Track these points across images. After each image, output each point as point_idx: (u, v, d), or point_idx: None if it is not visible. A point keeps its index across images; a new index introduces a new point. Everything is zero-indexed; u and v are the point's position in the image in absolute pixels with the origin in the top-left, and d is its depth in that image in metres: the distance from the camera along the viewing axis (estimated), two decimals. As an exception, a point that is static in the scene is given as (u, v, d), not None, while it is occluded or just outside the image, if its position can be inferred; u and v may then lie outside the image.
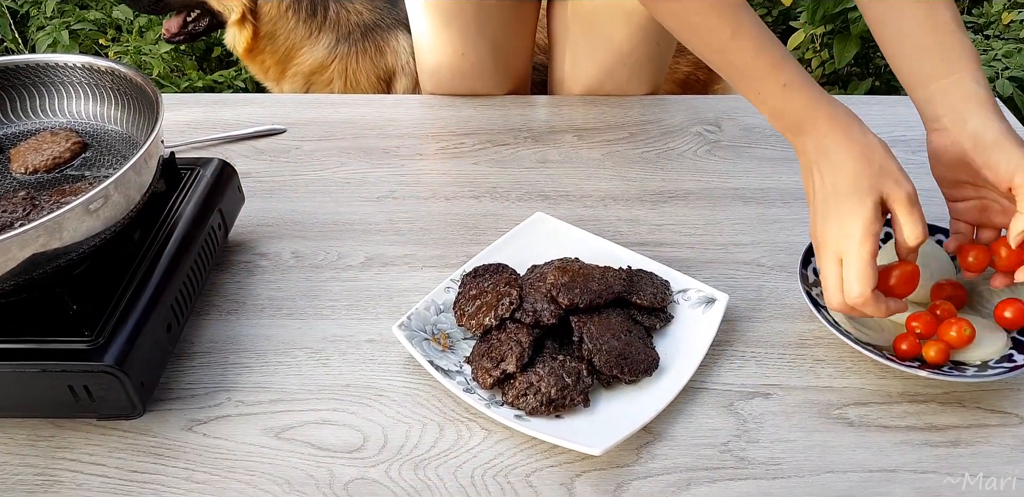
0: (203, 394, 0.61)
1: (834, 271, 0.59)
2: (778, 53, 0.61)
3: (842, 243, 0.58)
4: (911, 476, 0.56)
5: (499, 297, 0.65)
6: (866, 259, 0.57)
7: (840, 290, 0.58)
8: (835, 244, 0.58)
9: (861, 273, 0.57)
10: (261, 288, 0.72)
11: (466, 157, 0.91)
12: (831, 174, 0.60)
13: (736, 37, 0.60)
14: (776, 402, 0.62)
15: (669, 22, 0.64)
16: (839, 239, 0.58)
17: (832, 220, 0.59)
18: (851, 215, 0.58)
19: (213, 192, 0.75)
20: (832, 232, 0.59)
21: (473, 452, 0.57)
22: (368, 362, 0.64)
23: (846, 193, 0.58)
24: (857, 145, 0.60)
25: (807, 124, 0.61)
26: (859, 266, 0.57)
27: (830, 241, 0.59)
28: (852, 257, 0.57)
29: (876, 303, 0.58)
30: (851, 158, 0.59)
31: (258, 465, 0.56)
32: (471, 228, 0.80)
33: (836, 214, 0.59)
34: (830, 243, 0.59)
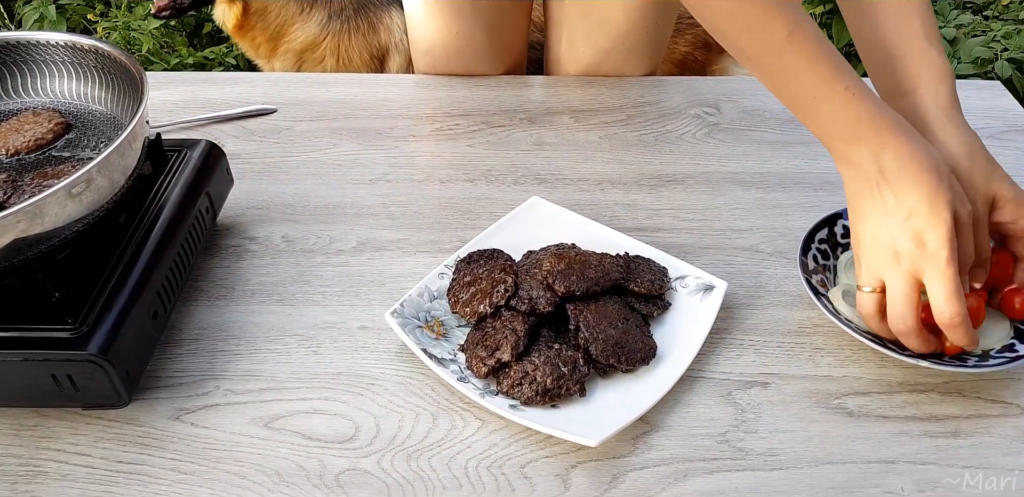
0: (191, 382, 0.60)
1: (912, 290, 0.55)
2: (837, 57, 0.57)
3: (920, 262, 0.54)
4: (910, 468, 0.55)
5: (494, 284, 0.63)
6: (955, 280, 0.54)
7: (913, 309, 0.55)
8: (913, 265, 0.54)
9: (954, 292, 0.53)
10: (251, 273, 0.69)
11: (461, 139, 0.89)
12: (901, 188, 0.55)
13: (794, 37, 0.56)
14: (774, 391, 0.60)
15: (717, 19, 0.58)
16: (916, 257, 0.54)
17: (904, 238, 0.54)
18: (932, 233, 0.54)
19: (201, 174, 0.72)
20: (912, 251, 0.54)
21: (467, 442, 0.56)
22: (360, 350, 0.62)
23: (924, 210, 0.54)
24: (929, 159, 0.56)
25: (869, 133, 0.56)
26: (950, 286, 0.53)
27: (908, 263, 0.54)
28: (940, 278, 0.53)
29: (967, 327, 0.54)
30: (925, 171, 0.55)
31: (247, 456, 0.55)
32: (465, 212, 0.77)
33: (911, 232, 0.54)
34: (908, 265, 0.54)
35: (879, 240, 0.56)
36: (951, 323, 0.54)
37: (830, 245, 0.71)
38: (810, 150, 0.88)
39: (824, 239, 0.71)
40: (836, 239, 0.71)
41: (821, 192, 0.81)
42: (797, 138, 0.90)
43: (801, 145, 0.89)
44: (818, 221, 0.71)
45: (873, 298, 0.57)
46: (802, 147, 0.88)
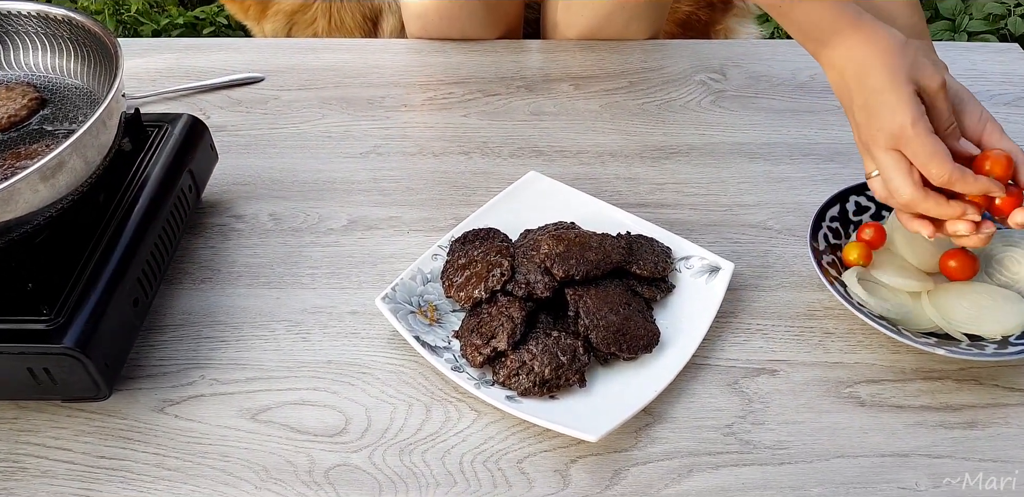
0: (175, 372, 0.55)
1: (898, 161, 0.53)
2: None
3: (896, 134, 0.52)
4: (925, 461, 0.51)
5: (489, 268, 0.58)
6: (929, 137, 0.52)
7: (910, 177, 0.52)
8: (887, 139, 0.52)
9: (933, 150, 0.51)
10: (237, 254, 0.64)
11: (455, 108, 0.82)
12: (865, 77, 0.54)
13: None
14: (783, 380, 0.56)
15: None
16: (891, 132, 0.52)
17: (876, 118, 0.53)
18: (896, 106, 0.52)
19: (183, 151, 0.67)
20: (880, 128, 0.53)
21: (462, 436, 0.52)
22: (351, 336, 0.58)
23: (887, 89, 0.53)
24: (886, 45, 0.54)
25: (833, 36, 0.55)
26: (926, 145, 0.51)
27: (880, 138, 0.53)
28: (914, 140, 0.52)
29: (964, 176, 0.52)
30: (882, 54, 0.54)
31: (233, 450, 0.51)
32: (460, 187, 0.72)
33: (879, 112, 0.53)
34: (881, 139, 0.53)
35: (858, 125, 0.54)
36: (946, 181, 0.52)
37: (841, 223, 0.66)
38: (820, 119, 0.82)
39: (836, 217, 0.66)
40: (848, 216, 0.66)
41: (832, 164, 0.76)
42: (807, 106, 0.84)
43: (810, 113, 0.83)
44: (829, 198, 0.65)
45: (877, 182, 0.55)
46: (811, 115, 0.82)
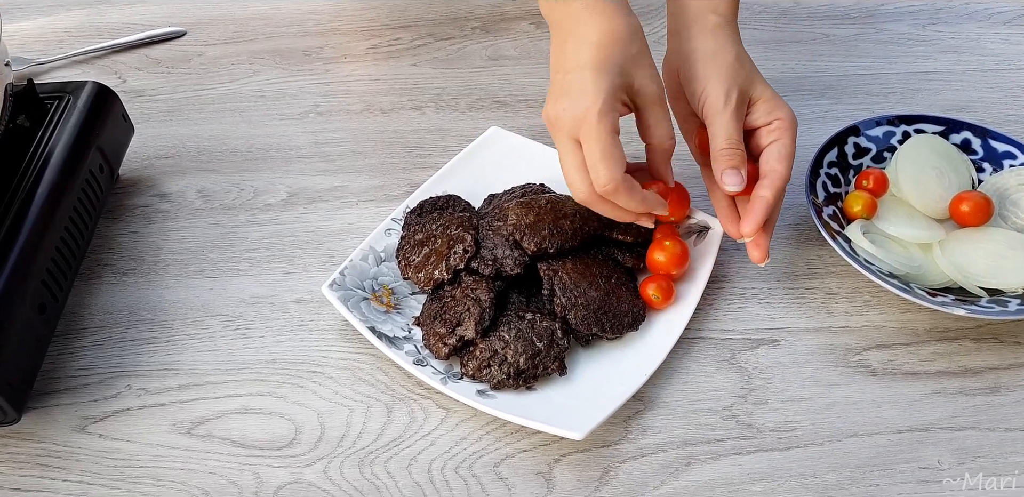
0: (96, 383, 0.46)
1: (574, 154, 0.45)
2: None
3: (579, 121, 0.44)
4: (947, 435, 0.44)
5: (451, 243, 0.49)
6: (608, 136, 0.44)
7: (584, 176, 0.45)
8: (570, 123, 0.44)
9: (605, 153, 0.44)
10: (162, 239, 0.54)
11: (404, 57, 0.71)
12: (577, 45, 0.45)
13: None
14: (785, 350, 0.48)
15: None
16: (575, 117, 0.44)
17: (567, 96, 0.45)
18: (591, 90, 0.44)
19: (89, 124, 0.55)
20: (566, 108, 0.44)
21: (429, 439, 0.44)
22: (297, 329, 0.49)
23: (590, 67, 0.44)
24: (613, 21, 0.46)
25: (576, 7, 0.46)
26: (601, 145, 0.43)
27: (564, 120, 0.44)
28: (592, 135, 0.44)
29: (630, 191, 0.44)
30: (603, 32, 0.45)
31: (168, 472, 0.42)
32: (414, 148, 0.62)
33: (574, 89, 0.44)
34: (564, 122, 0.44)
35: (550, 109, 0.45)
36: (604, 190, 0.44)
37: (840, 169, 0.58)
38: (808, 49, 0.72)
39: (834, 162, 0.57)
40: (848, 161, 0.58)
41: (824, 100, 0.66)
42: (792, 35, 0.73)
43: (797, 43, 0.72)
44: (825, 141, 0.56)
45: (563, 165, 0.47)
46: (798, 45, 0.72)
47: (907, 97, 0.66)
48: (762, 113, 0.49)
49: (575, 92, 0.44)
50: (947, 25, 0.74)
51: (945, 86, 0.67)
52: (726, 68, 0.48)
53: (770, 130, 0.49)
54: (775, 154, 0.48)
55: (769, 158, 0.48)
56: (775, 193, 0.48)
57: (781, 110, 0.49)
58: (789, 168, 0.48)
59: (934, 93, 0.67)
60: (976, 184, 0.57)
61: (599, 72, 0.44)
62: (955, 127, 0.58)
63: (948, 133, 0.58)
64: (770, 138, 0.49)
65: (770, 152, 0.48)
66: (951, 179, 0.56)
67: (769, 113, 0.49)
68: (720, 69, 0.48)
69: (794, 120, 0.49)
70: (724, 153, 0.47)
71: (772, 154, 0.48)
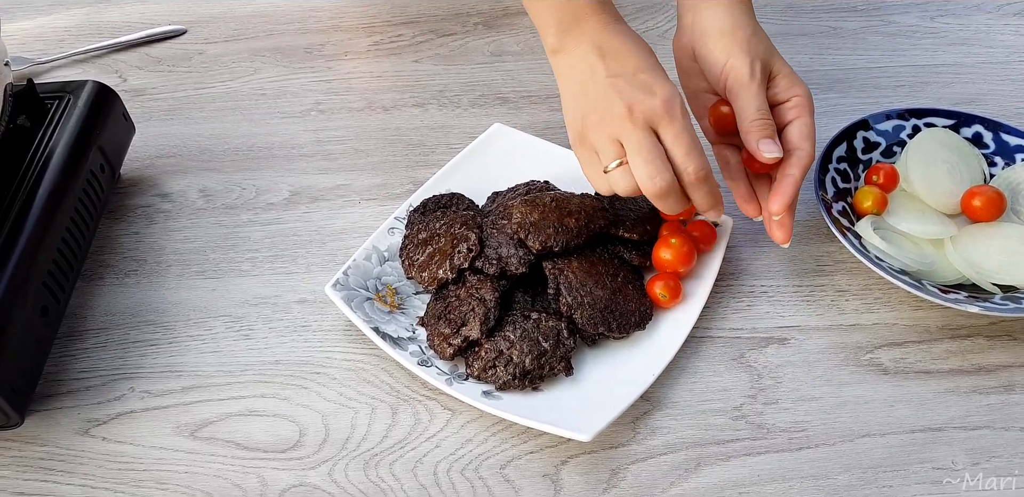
0: (100, 385, 0.46)
1: (653, 145, 0.43)
2: None
3: (661, 110, 0.43)
4: (961, 435, 0.43)
5: (454, 242, 0.48)
6: (691, 128, 0.44)
7: (666, 165, 0.43)
8: (645, 113, 0.43)
9: (695, 140, 0.43)
10: (165, 240, 0.53)
11: (406, 53, 0.70)
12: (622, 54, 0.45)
13: None
14: (795, 349, 0.47)
15: None
16: (654, 106, 0.43)
17: (643, 88, 0.44)
18: (668, 84, 0.44)
19: (89, 124, 0.54)
20: (643, 100, 0.43)
21: (434, 441, 0.43)
22: (300, 330, 0.48)
23: (648, 66, 0.45)
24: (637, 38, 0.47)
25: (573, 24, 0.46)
26: (691, 132, 0.43)
27: (637, 111, 0.43)
28: (680, 122, 0.43)
29: (712, 181, 0.44)
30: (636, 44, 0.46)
31: (171, 475, 0.42)
32: (416, 146, 0.60)
33: (650, 84, 0.44)
34: (637, 114, 0.43)
35: (609, 105, 0.44)
36: (697, 178, 0.43)
37: (850, 164, 0.57)
38: (815, 42, 0.70)
39: (843, 157, 0.56)
40: (857, 155, 0.57)
41: (832, 93, 0.65)
42: (798, 28, 0.72)
43: (804, 37, 0.71)
44: (834, 136, 0.55)
45: (626, 171, 0.44)
46: (805, 39, 0.71)
47: (916, 90, 0.65)
48: (782, 89, 0.48)
49: (652, 85, 0.44)
50: (955, 17, 0.72)
51: (955, 79, 0.66)
52: (747, 42, 0.48)
53: (789, 107, 0.48)
54: (798, 133, 0.47)
55: (792, 137, 0.47)
56: (803, 171, 0.47)
57: (799, 86, 0.48)
58: (813, 146, 0.47)
59: (943, 86, 0.65)
60: (988, 178, 0.55)
61: (657, 71, 0.45)
62: (966, 120, 0.57)
63: (959, 127, 0.57)
64: (790, 116, 0.48)
65: (792, 131, 0.47)
66: (962, 173, 0.55)
67: (788, 89, 0.48)
68: (742, 43, 0.48)
69: (811, 97, 0.48)
70: (756, 124, 0.47)
71: (795, 133, 0.47)
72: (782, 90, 0.48)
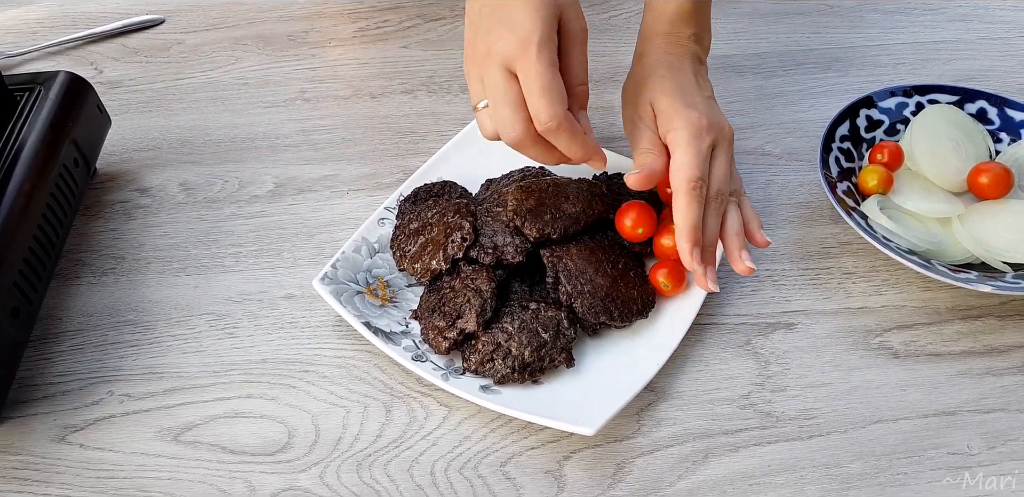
0: (77, 389, 0.43)
1: (508, 88, 0.39)
2: None
3: (516, 52, 0.39)
4: (975, 418, 0.41)
5: (448, 231, 0.46)
6: (551, 68, 0.39)
7: (521, 112, 0.39)
8: (506, 54, 0.39)
9: (548, 86, 0.38)
10: (144, 236, 0.51)
11: (392, 39, 0.67)
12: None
13: None
14: (802, 334, 0.45)
15: None
16: (510, 47, 0.39)
17: (501, 25, 0.39)
18: (529, 19, 0.39)
19: (62, 117, 0.51)
20: (501, 37, 0.39)
21: (431, 439, 0.41)
22: (287, 326, 0.45)
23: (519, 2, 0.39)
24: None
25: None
26: (544, 77, 0.38)
27: (498, 50, 0.39)
28: (533, 67, 0.38)
29: (572, 129, 0.40)
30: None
31: (154, 482, 0.39)
32: (406, 134, 0.58)
33: (511, 19, 0.39)
34: (497, 53, 0.39)
35: (474, 42, 0.41)
36: (547, 128, 0.39)
37: (853, 143, 0.54)
38: (812, 21, 0.68)
39: (846, 136, 0.54)
40: (860, 134, 0.55)
41: (831, 73, 0.63)
42: (795, 7, 0.69)
43: (800, 16, 0.69)
44: (837, 114, 0.52)
45: (485, 114, 0.41)
46: (802, 18, 0.68)
47: (916, 68, 0.63)
48: (662, 129, 0.44)
49: (512, 22, 0.39)
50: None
51: (955, 55, 0.64)
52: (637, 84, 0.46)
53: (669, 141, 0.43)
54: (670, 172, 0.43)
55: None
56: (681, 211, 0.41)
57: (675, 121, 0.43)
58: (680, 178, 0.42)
59: (944, 63, 0.63)
60: (994, 155, 0.53)
61: (529, 4, 0.39)
62: (970, 96, 0.54)
63: (963, 103, 0.54)
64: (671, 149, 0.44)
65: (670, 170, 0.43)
66: (968, 150, 0.52)
67: (665, 127, 0.44)
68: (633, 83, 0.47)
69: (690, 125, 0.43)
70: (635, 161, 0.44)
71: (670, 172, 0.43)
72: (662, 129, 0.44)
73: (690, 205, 0.41)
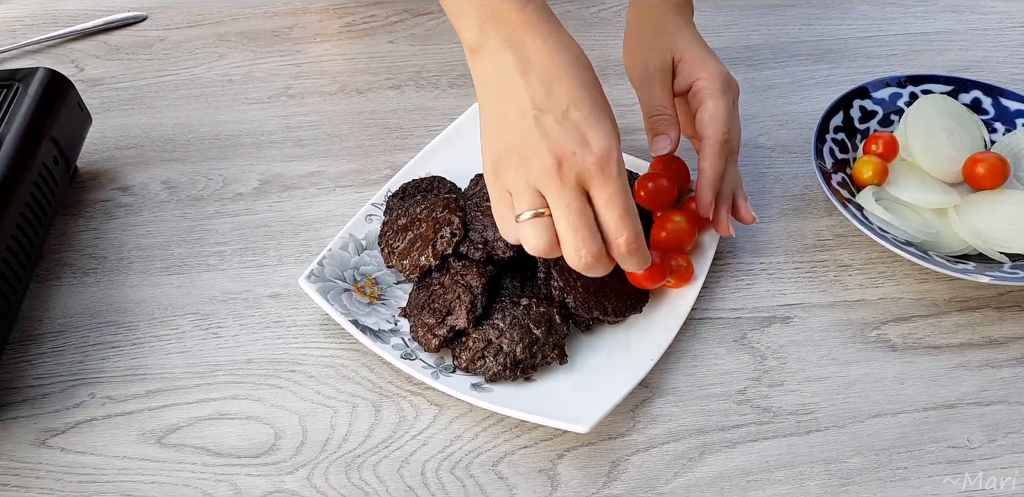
0: (57, 392, 0.42)
1: (584, 208, 0.36)
2: None
3: (593, 168, 0.35)
4: (975, 411, 0.41)
5: (436, 227, 0.45)
6: (627, 186, 0.36)
7: (595, 234, 0.36)
8: (578, 168, 0.35)
9: (630, 206, 0.36)
10: (126, 235, 0.50)
11: (379, 34, 0.66)
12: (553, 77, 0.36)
13: None
14: (798, 327, 0.44)
15: None
16: (586, 163, 0.35)
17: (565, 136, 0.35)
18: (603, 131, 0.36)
19: (40, 114, 0.50)
20: (576, 153, 0.35)
21: (421, 439, 0.40)
22: (273, 326, 0.45)
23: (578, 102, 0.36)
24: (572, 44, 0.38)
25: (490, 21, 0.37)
26: (627, 195, 0.36)
27: (573, 167, 0.35)
28: (615, 184, 0.35)
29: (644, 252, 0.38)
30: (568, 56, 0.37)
31: (137, 486, 0.38)
32: (394, 129, 0.57)
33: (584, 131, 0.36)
34: (567, 170, 0.35)
35: (533, 150, 0.36)
36: (630, 248, 0.37)
37: (847, 133, 0.54)
38: (803, 13, 0.67)
39: (840, 126, 0.53)
40: (854, 125, 0.54)
41: (822, 64, 0.62)
42: None
43: (790, 7, 0.68)
44: (830, 105, 0.52)
45: (545, 224, 0.36)
46: (793, 10, 0.68)
47: (909, 59, 0.62)
48: (684, 75, 0.46)
49: (587, 131, 0.36)
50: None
51: (947, 46, 0.64)
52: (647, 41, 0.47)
53: (693, 93, 0.46)
54: (700, 119, 0.45)
55: (698, 125, 0.45)
56: (712, 161, 0.44)
57: (703, 69, 0.45)
58: (719, 129, 0.44)
59: (936, 54, 0.63)
60: (989, 145, 0.53)
61: (603, 110, 0.37)
62: (965, 86, 0.54)
63: (957, 93, 0.54)
64: (695, 103, 0.46)
65: (697, 118, 0.45)
66: (963, 140, 0.52)
67: (691, 74, 0.46)
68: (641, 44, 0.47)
69: (720, 77, 0.45)
70: (649, 122, 0.46)
71: (699, 120, 0.45)
72: (685, 76, 0.46)
73: (720, 155, 0.45)
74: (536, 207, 0.36)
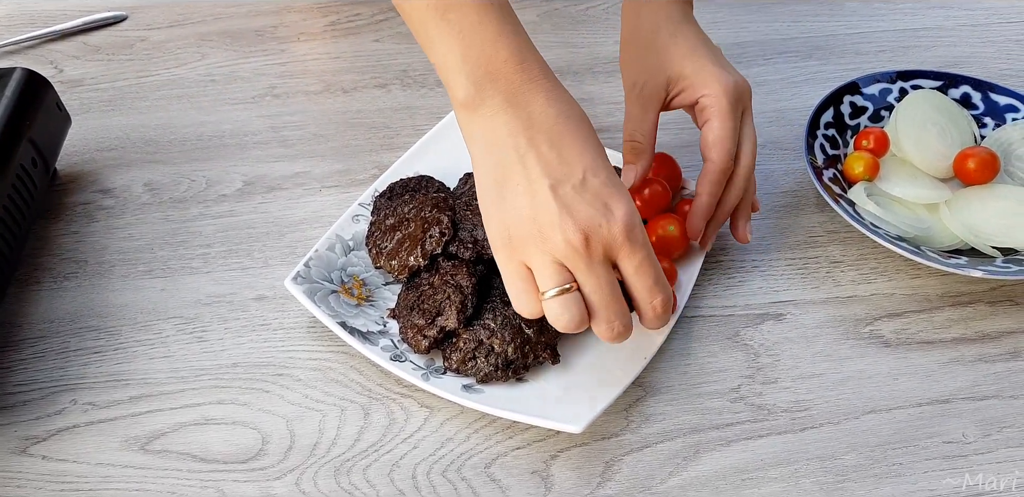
0: (38, 399, 0.41)
1: (612, 278, 0.35)
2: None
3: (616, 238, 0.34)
4: (969, 406, 0.41)
5: (425, 226, 0.45)
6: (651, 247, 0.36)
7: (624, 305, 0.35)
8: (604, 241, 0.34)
9: (660, 274, 0.36)
10: (107, 238, 0.49)
11: (365, 32, 0.66)
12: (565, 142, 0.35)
13: None
14: (791, 324, 0.44)
15: None
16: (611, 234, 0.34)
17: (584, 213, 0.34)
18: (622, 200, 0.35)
19: (17, 115, 0.50)
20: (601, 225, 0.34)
21: (412, 442, 0.39)
22: (259, 329, 0.44)
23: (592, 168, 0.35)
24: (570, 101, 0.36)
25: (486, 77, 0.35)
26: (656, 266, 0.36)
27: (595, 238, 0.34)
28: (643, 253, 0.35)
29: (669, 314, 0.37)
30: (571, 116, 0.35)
31: (121, 493, 0.38)
32: (380, 129, 0.57)
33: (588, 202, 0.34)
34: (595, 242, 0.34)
35: (555, 225, 0.34)
36: (663, 311, 0.36)
37: (838, 130, 0.54)
38: (791, 10, 0.68)
39: (831, 122, 0.54)
40: (844, 121, 0.54)
41: (811, 61, 0.63)
42: (773, -4, 0.70)
43: (780, 5, 0.68)
44: (820, 102, 0.52)
45: (575, 300, 0.35)
46: (781, 6, 0.68)
47: (898, 55, 0.63)
48: (688, 93, 0.44)
49: (608, 199, 0.34)
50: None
51: (936, 42, 0.64)
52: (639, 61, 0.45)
53: (699, 111, 0.44)
54: (706, 140, 0.43)
55: (703, 146, 0.43)
56: (709, 188, 0.43)
57: (708, 86, 0.43)
58: (722, 155, 0.42)
59: (925, 50, 0.63)
60: (979, 140, 0.53)
61: (613, 171, 0.36)
62: (954, 82, 0.55)
63: (947, 88, 0.54)
64: (702, 119, 0.44)
65: (703, 138, 0.43)
66: (953, 136, 0.52)
67: (695, 91, 0.43)
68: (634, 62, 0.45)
69: (726, 92, 0.42)
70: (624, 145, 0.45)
71: (704, 140, 0.43)
72: (688, 94, 0.44)
73: (719, 182, 0.44)
74: (562, 283, 0.35)
